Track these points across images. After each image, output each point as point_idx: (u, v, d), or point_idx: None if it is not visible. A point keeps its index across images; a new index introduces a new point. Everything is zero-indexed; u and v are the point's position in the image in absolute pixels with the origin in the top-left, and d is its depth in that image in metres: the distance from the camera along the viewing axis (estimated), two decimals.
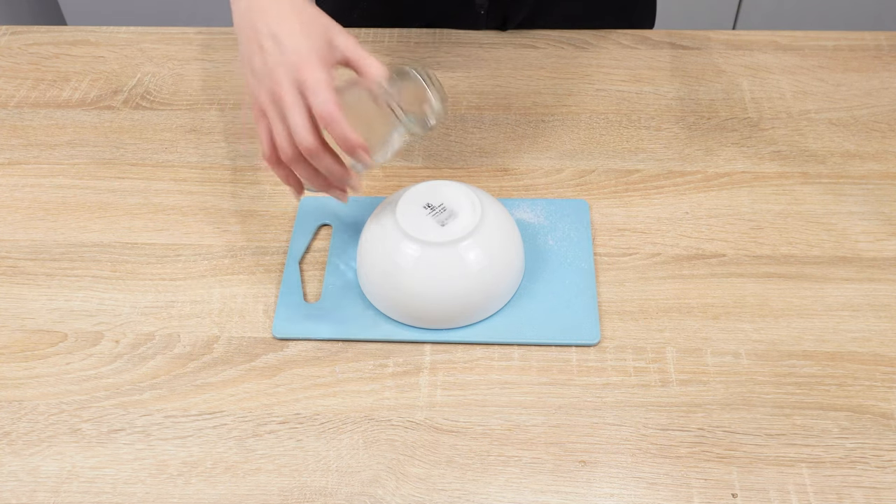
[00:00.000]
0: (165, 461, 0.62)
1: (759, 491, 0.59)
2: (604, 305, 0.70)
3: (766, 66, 0.93)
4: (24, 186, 0.82)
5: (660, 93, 0.90)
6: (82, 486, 0.61)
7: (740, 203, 0.78)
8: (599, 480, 0.60)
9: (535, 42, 0.96)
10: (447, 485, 0.60)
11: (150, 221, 0.78)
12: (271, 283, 0.73)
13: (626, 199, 0.79)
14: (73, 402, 0.65)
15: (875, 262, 0.73)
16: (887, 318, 0.69)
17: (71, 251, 0.76)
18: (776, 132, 0.85)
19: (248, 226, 0.78)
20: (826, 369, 0.65)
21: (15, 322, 0.71)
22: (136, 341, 0.69)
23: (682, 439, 0.62)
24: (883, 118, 0.86)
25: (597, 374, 0.66)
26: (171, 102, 0.91)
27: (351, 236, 0.75)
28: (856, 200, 0.78)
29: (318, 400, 0.65)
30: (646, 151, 0.83)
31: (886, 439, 0.61)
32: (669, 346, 0.67)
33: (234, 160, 0.84)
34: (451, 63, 0.94)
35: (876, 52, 0.94)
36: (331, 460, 0.61)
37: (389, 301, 0.68)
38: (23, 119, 0.90)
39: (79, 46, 0.99)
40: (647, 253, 0.74)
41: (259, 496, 0.60)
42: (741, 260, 0.73)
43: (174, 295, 0.72)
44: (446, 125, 0.87)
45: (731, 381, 0.65)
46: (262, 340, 0.69)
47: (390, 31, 0.99)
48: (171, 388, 0.66)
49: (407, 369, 0.67)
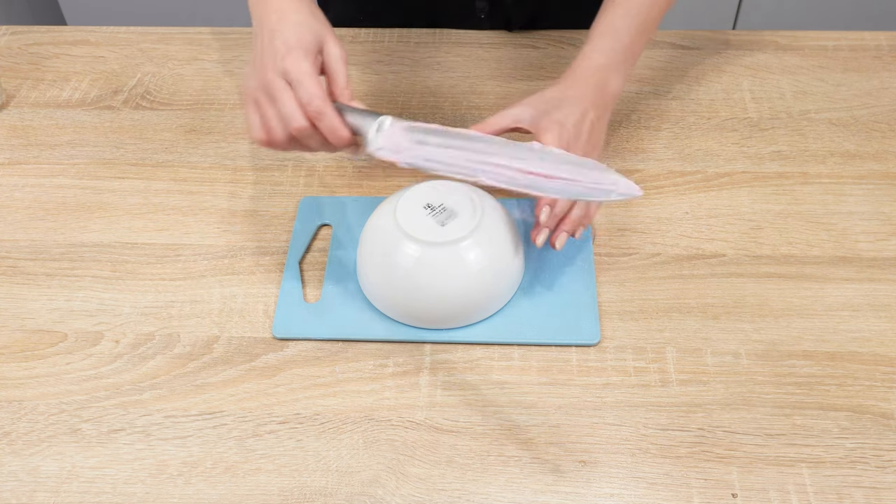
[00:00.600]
0: (165, 461, 0.62)
1: (759, 491, 0.59)
2: (604, 305, 0.70)
3: (766, 66, 0.93)
4: (24, 186, 0.82)
5: (660, 93, 0.90)
6: (82, 486, 0.61)
7: (740, 203, 0.78)
8: (599, 480, 0.60)
9: (535, 42, 0.96)
10: (447, 485, 0.60)
11: (150, 221, 0.78)
12: (271, 283, 0.73)
13: (626, 199, 0.78)
14: (73, 402, 0.65)
15: (875, 262, 0.73)
16: (887, 318, 0.69)
17: (71, 251, 0.76)
18: (776, 132, 0.85)
19: (248, 226, 0.78)
20: (826, 369, 0.65)
21: (15, 322, 0.71)
22: (136, 341, 0.69)
23: (682, 439, 0.62)
24: (883, 118, 0.86)
25: (597, 374, 0.66)
26: (171, 102, 0.91)
27: (351, 236, 0.75)
28: (856, 200, 0.78)
29: (318, 400, 0.65)
30: (646, 151, 0.83)
31: (886, 439, 0.61)
32: (669, 346, 0.67)
33: (234, 160, 0.84)
34: (451, 63, 0.94)
35: (876, 52, 0.94)
36: (331, 460, 0.61)
37: (389, 301, 0.68)
38: (23, 119, 0.90)
39: (79, 46, 0.99)
40: (647, 253, 0.74)
41: (259, 496, 0.60)
42: (741, 260, 0.73)
43: (174, 295, 0.72)
44: (446, 126, 0.86)
45: (731, 381, 0.65)
46: (262, 340, 0.69)
47: (391, 31, 0.99)
48: (171, 388, 0.66)
49: (407, 369, 0.67)
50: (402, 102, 0.90)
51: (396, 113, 0.88)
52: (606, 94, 0.73)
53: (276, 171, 0.83)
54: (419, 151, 0.61)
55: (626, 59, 0.74)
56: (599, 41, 0.74)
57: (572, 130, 0.69)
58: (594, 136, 0.71)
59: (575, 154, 0.66)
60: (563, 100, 0.70)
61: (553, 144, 0.66)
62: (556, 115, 0.69)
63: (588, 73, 0.73)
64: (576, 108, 0.70)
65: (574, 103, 0.70)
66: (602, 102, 0.72)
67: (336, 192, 0.80)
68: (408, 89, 0.91)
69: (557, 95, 0.71)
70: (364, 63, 0.94)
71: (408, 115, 0.88)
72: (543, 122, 0.69)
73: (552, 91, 0.72)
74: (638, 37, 0.75)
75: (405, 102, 0.90)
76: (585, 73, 0.73)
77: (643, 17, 0.75)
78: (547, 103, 0.70)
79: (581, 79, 0.72)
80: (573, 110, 0.70)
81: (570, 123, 0.69)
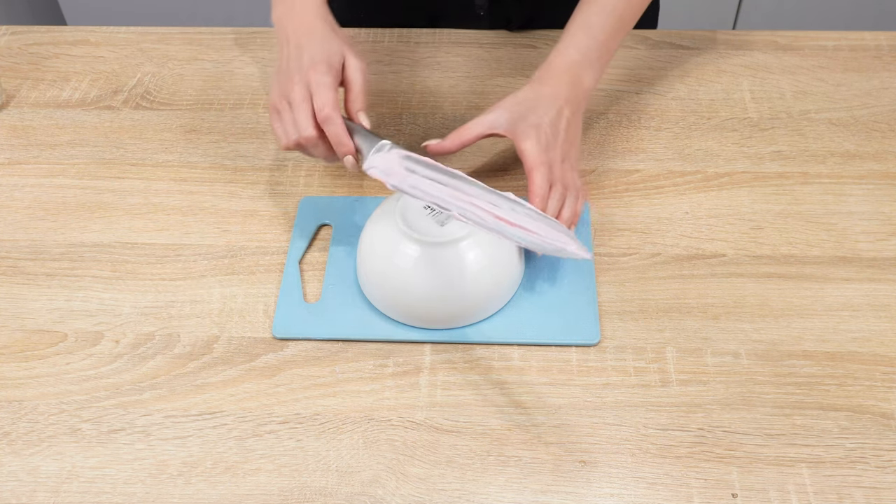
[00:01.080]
0: (165, 461, 0.62)
1: (759, 491, 0.59)
2: (604, 305, 0.70)
3: (766, 66, 0.93)
4: (24, 186, 0.82)
5: (660, 93, 0.90)
6: (82, 486, 0.61)
7: (740, 203, 0.78)
8: (599, 480, 0.60)
9: (535, 42, 0.96)
10: (447, 485, 0.60)
11: (150, 221, 0.78)
12: (271, 283, 0.73)
13: (626, 199, 0.79)
14: (73, 402, 0.65)
15: (875, 262, 0.73)
16: (887, 318, 0.69)
17: (71, 251, 0.76)
18: (776, 132, 0.85)
19: (248, 226, 0.78)
20: (826, 369, 0.65)
21: (15, 322, 0.71)
22: (136, 341, 0.69)
23: (682, 439, 0.62)
24: (883, 118, 0.86)
25: (597, 374, 0.66)
26: (171, 102, 0.91)
27: (351, 236, 0.75)
28: (856, 200, 0.78)
29: (318, 400, 0.65)
30: (646, 151, 0.83)
31: (886, 439, 0.61)
32: (669, 346, 0.67)
33: (234, 160, 0.84)
34: (451, 63, 0.94)
35: (876, 52, 0.94)
36: (331, 460, 0.61)
37: (389, 301, 0.68)
38: (23, 119, 0.90)
39: (79, 46, 0.99)
40: (647, 253, 0.74)
41: (259, 496, 0.60)
42: (741, 260, 0.73)
43: (174, 295, 0.72)
44: (446, 126, 0.87)
45: (731, 381, 0.65)
46: (262, 340, 0.69)
47: (391, 31, 0.99)
48: (171, 388, 0.66)
49: (407, 369, 0.67)
50: (402, 102, 0.90)
51: (396, 113, 0.88)
52: (580, 90, 0.74)
53: (276, 171, 0.83)
54: (407, 178, 0.65)
55: (600, 57, 0.75)
56: (574, 38, 0.75)
57: (549, 131, 0.70)
58: (570, 132, 0.72)
59: (555, 153, 0.69)
60: (537, 100, 0.72)
61: (532, 149, 0.69)
62: (532, 117, 0.70)
63: (562, 69, 0.74)
64: (551, 107, 0.71)
65: (548, 102, 0.71)
66: (576, 99, 0.73)
67: (336, 192, 0.80)
68: (408, 89, 0.91)
69: (531, 96, 0.72)
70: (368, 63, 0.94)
71: (408, 114, 0.88)
72: (520, 128, 0.70)
73: (525, 91, 0.73)
74: (613, 34, 0.76)
75: (405, 102, 0.90)
76: (559, 69, 0.74)
77: (619, 14, 0.76)
78: (521, 105, 0.71)
79: (555, 76, 0.73)
80: (548, 110, 0.71)
81: (546, 124, 0.70)
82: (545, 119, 0.70)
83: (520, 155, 0.70)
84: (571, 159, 0.73)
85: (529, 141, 0.69)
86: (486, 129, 0.72)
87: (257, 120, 0.88)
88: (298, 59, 0.70)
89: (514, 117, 0.71)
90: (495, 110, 0.72)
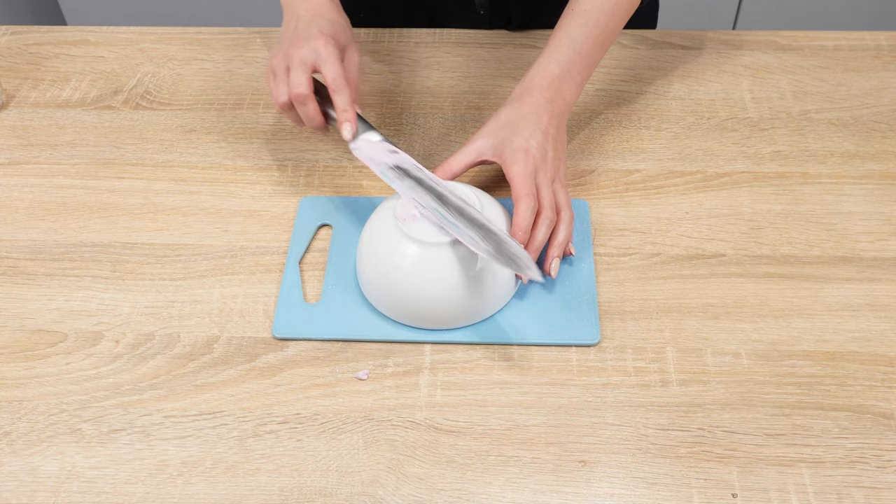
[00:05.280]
0: (165, 461, 0.62)
1: (759, 491, 0.59)
2: (604, 305, 0.70)
3: (766, 66, 0.93)
4: (24, 186, 0.82)
5: (660, 93, 0.90)
6: (82, 486, 0.61)
7: (740, 203, 0.78)
8: (599, 480, 0.60)
9: (535, 42, 0.96)
10: (447, 485, 0.60)
11: (150, 221, 0.78)
12: (271, 283, 0.73)
13: (626, 199, 0.79)
14: (73, 402, 0.65)
15: (875, 262, 0.73)
16: (887, 318, 0.69)
17: (71, 251, 0.76)
18: (776, 132, 0.85)
19: (248, 226, 0.78)
20: (826, 369, 0.65)
21: (15, 322, 0.71)
22: (136, 341, 0.69)
23: (682, 439, 0.62)
24: (883, 118, 0.86)
25: (597, 374, 0.66)
26: (171, 102, 0.91)
27: (351, 236, 0.75)
28: (856, 200, 0.78)
29: (318, 400, 0.65)
30: (646, 151, 0.83)
31: (886, 439, 0.61)
32: (669, 346, 0.67)
33: (234, 160, 0.84)
34: (451, 63, 0.94)
35: (876, 52, 0.94)
36: (331, 460, 0.61)
37: (389, 301, 0.68)
38: (23, 119, 0.90)
39: (79, 46, 0.99)
40: (647, 253, 0.74)
41: (259, 496, 0.60)
42: (741, 260, 0.73)
43: (174, 295, 0.72)
44: (446, 126, 0.87)
45: (731, 381, 0.65)
46: (262, 340, 0.69)
47: (391, 31, 0.99)
48: (171, 388, 0.66)
49: (407, 369, 0.67)
50: (402, 102, 0.90)
51: (396, 113, 0.88)
52: (562, 105, 0.74)
53: (276, 171, 0.83)
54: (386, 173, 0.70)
55: (582, 70, 0.75)
56: (556, 51, 0.75)
57: (537, 154, 0.70)
58: (559, 149, 0.73)
59: (544, 176, 0.70)
60: (519, 120, 0.71)
61: (519, 175, 0.68)
62: (518, 140, 0.70)
63: (543, 84, 0.74)
64: (535, 127, 0.71)
65: (531, 122, 0.71)
66: (559, 114, 0.73)
67: (336, 192, 0.80)
68: (408, 89, 0.91)
69: (513, 116, 0.72)
70: (364, 63, 0.94)
71: (408, 114, 0.88)
72: (507, 153, 0.70)
73: (507, 112, 0.72)
74: (595, 46, 0.76)
75: (405, 102, 0.90)
76: (541, 84, 0.74)
77: (602, 26, 0.76)
78: (505, 128, 0.71)
79: (535, 91, 0.73)
80: (534, 131, 0.71)
81: (533, 147, 0.70)
82: (532, 142, 0.70)
83: (508, 180, 0.69)
84: (561, 176, 0.72)
85: (517, 166, 0.69)
86: (475, 158, 0.71)
87: (257, 120, 0.88)
88: (307, 29, 0.72)
89: (500, 142, 0.71)
90: (480, 137, 0.72)
